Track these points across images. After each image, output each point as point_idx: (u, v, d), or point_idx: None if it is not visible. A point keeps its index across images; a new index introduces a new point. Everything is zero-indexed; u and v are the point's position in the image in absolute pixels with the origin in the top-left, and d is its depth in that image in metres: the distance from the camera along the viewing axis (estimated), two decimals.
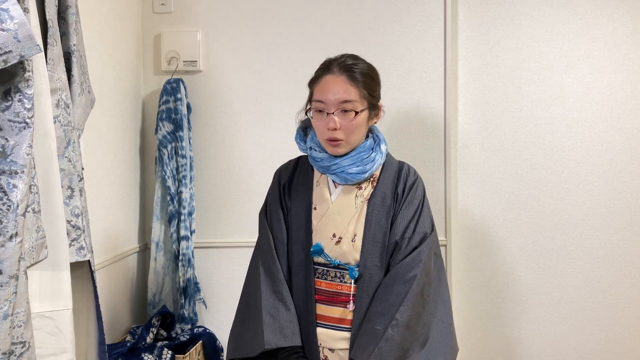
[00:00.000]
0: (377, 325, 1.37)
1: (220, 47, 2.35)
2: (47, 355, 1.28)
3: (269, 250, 1.49)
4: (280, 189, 1.53)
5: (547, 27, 2.31)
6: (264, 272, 1.47)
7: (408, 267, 1.40)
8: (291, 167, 1.57)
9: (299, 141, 1.56)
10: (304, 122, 1.56)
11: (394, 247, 1.44)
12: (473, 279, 2.36)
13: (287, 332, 1.41)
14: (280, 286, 1.45)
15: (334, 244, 1.44)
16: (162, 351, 1.96)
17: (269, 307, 1.43)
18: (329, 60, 1.46)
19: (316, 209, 1.48)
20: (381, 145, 1.49)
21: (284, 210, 1.51)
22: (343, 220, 1.45)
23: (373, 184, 1.48)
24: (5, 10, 1.05)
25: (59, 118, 1.33)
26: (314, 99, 1.43)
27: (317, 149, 1.48)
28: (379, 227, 1.44)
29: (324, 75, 1.43)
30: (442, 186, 2.32)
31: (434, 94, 2.32)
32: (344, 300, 1.43)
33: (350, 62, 1.43)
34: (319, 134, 1.45)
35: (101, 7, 1.99)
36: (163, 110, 2.25)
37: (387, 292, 1.40)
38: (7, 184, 1.10)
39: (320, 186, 1.49)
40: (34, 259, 1.21)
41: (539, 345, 2.35)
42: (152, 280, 2.26)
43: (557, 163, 2.32)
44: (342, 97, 1.39)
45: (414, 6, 2.31)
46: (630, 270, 2.32)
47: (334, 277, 1.45)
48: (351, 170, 1.43)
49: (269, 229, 1.51)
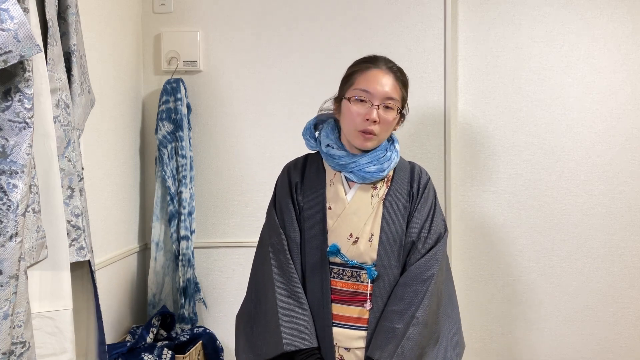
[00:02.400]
0: (396, 323, 1.38)
1: (220, 47, 2.35)
2: (47, 355, 1.28)
3: (282, 250, 1.46)
4: (292, 187, 1.50)
5: (547, 27, 2.31)
6: (278, 271, 1.44)
7: (425, 267, 1.43)
8: (300, 164, 1.55)
9: (308, 137, 1.54)
10: (318, 118, 1.55)
11: (411, 247, 1.45)
12: (473, 279, 2.36)
13: (304, 333, 1.39)
14: (296, 287, 1.43)
15: (351, 244, 1.44)
16: (162, 351, 1.96)
17: (284, 308, 1.40)
18: (375, 55, 1.48)
19: (331, 208, 1.46)
20: (396, 145, 1.51)
21: (296, 209, 1.49)
22: (360, 220, 1.44)
23: (387, 184, 1.49)
24: (5, 10, 1.05)
25: (59, 118, 1.33)
26: (358, 88, 1.41)
27: (334, 146, 1.47)
28: (395, 227, 1.45)
29: (372, 68, 1.43)
30: (442, 186, 2.32)
31: (434, 94, 2.32)
32: (362, 300, 1.43)
33: (396, 67, 1.47)
34: (353, 123, 1.42)
35: (101, 7, 1.99)
36: (163, 110, 2.25)
37: (405, 291, 1.41)
38: (7, 184, 1.10)
39: (335, 185, 1.48)
40: (34, 259, 1.21)
41: (539, 345, 2.35)
42: (152, 280, 2.26)
43: (557, 163, 2.32)
44: (389, 93, 1.41)
45: (414, 6, 2.31)
46: (630, 270, 2.32)
47: (351, 276, 1.44)
48: (369, 168, 1.43)
49: (280, 228, 1.48)
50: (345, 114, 1.44)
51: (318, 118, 1.56)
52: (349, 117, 1.43)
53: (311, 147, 1.55)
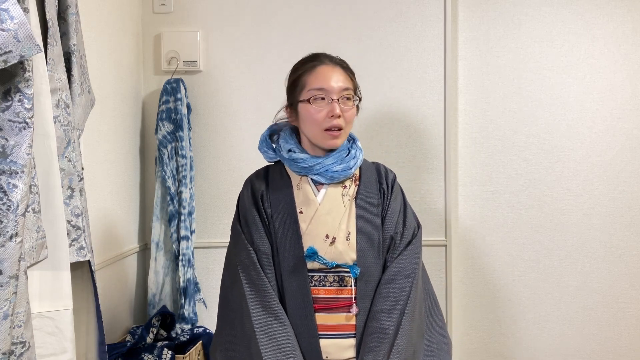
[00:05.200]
0: (385, 323, 1.35)
1: (220, 47, 2.35)
2: (47, 355, 1.28)
3: (252, 264, 1.38)
4: (257, 198, 1.46)
5: (547, 27, 2.31)
6: (250, 288, 1.37)
7: (407, 261, 1.41)
8: (262, 174, 1.52)
9: (265, 149, 1.51)
10: (272, 128, 1.53)
11: (390, 242, 1.43)
12: (473, 279, 2.36)
13: (286, 348, 1.32)
14: (271, 301, 1.35)
15: (328, 245, 1.39)
16: (162, 351, 1.96)
17: (261, 324, 1.33)
18: (315, 53, 1.47)
19: (302, 212, 1.42)
20: (357, 143, 1.50)
21: (264, 220, 1.44)
22: (334, 220, 1.41)
23: (356, 182, 1.47)
24: (5, 10, 1.05)
25: (59, 118, 1.33)
26: (313, 88, 1.39)
27: (296, 150, 1.45)
28: (371, 224, 1.43)
29: (317, 65, 1.42)
30: (442, 186, 2.32)
31: (434, 94, 2.32)
32: (347, 305, 1.38)
33: (338, 59, 1.46)
34: (316, 124, 1.39)
35: (101, 7, 1.99)
36: (163, 110, 2.25)
37: (389, 288, 1.38)
38: (7, 184, 1.10)
39: (302, 189, 1.44)
40: (34, 259, 1.21)
41: (539, 345, 2.35)
42: (152, 280, 2.26)
43: (557, 163, 2.32)
44: (344, 85, 1.40)
45: (414, 6, 2.31)
46: (630, 270, 2.32)
47: (333, 282, 1.39)
48: (335, 168, 1.41)
49: (248, 243, 1.42)
50: (306, 117, 1.41)
51: (271, 128, 1.54)
52: (311, 119, 1.40)
53: (270, 159, 1.53)
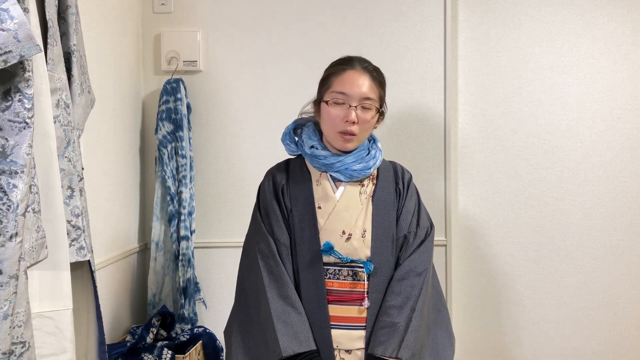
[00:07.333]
0: (396, 318, 1.40)
1: (220, 47, 2.35)
2: (47, 355, 1.28)
3: (272, 254, 1.44)
4: (278, 191, 1.50)
5: (547, 27, 2.31)
6: (269, 277, 1.43)
7: (419, 260, 1.46)
8: (283, 167, 1.56)
9: (288, 142, 1.55)
10: (297, 122, 1.57)
11: (403, 241, 1.48)
12: (473, 279, 2.36)
13: (301, 337, 1.38)
14: (289, 291, 1.41)
15: (344, 241, 1.45)
16: (162, 351, 1.96)
17: (279, 312, 1.39)
18: (350, 56, 1.50)
19: (321, 207, 1.47)
20: (378, 144, 1.55)
21: (284, 212, 1.48)
22: (351, 217, 1.46)
23: (373, 181, 1.51)
24: (5, 10, 1.05)
25: (59, 118, 1.33)
26: (335, 90, 1.44)
27: (318, 147, 1.49)
28: (386, 222, 1.48)
29: (347, 69, 1.45)
30: (442, 186, 2.32)
31: (434, 94, 2.32)
32: (359, 298, 1.44)
33: (372, 66, 1.48)
34: (332, 125, 1.44)
35: (101, 7, 1.99)
36: (163, 110, 2.25)
37: (401, 285, 1.43)
38: (7, 184, 1.10)
39: (322, 185, 1.49)
40: (34, 259, 1.21)
41: (539, 345, 2.35)
42: (152, 280, 2.26)
43: (557, 163, 2.32)
44: (366, 94, 1.43)
45: (414, 6, 2.31)
46: (630, 270, 2.32)
47: (347, 275, 1.45)
48: (355, 167, 1.46)
49: (267, 233, 1.47)
50: (325, 116, 1.47)
51: (297, 122, 1.58)
52: (328, 120, 1.45)
53: (291, 152, 1.57)
